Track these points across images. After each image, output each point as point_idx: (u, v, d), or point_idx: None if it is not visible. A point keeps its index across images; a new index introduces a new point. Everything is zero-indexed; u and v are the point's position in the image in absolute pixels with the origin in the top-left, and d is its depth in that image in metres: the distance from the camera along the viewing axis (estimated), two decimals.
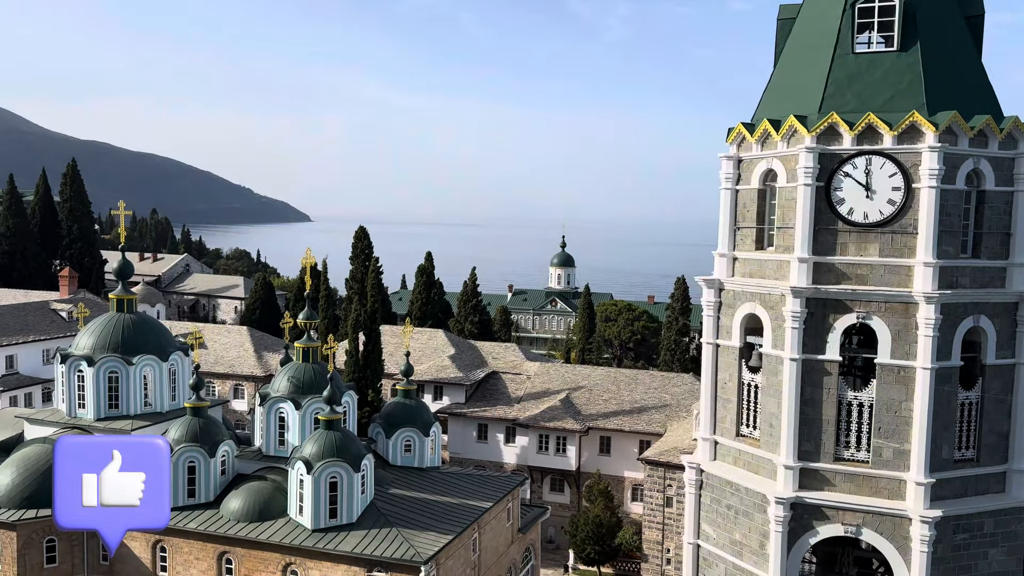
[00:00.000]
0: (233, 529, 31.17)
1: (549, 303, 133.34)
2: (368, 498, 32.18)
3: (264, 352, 60.51)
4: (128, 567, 32.53)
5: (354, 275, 75.59)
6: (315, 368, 35.83)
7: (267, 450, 34.78)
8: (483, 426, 54.26)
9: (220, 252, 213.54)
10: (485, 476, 38.75)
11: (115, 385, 36.02)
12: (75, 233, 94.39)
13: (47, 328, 56.39)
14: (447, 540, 30.56)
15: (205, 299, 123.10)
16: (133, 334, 36.79)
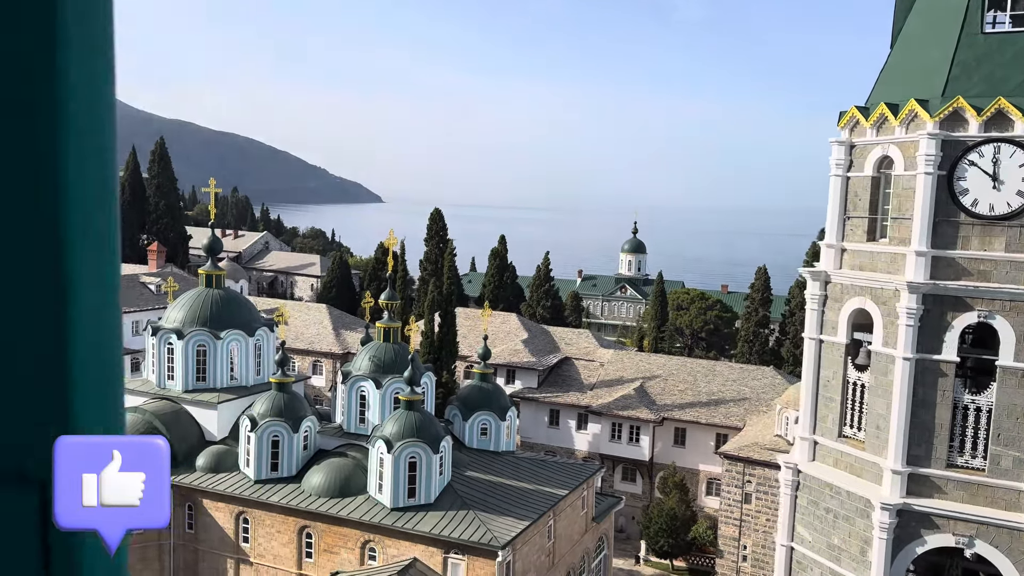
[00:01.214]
0: (314, 504, 31.68)
1: (619, 289, 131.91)
2: (445, 479, 32.26)
3: (342, 330, 61.46)
4: (212, 536, 33.46)
5: (428, 256, 76.17)
6: (395, 348, 36.08)
7: (348, 427, 35.24)
8: (555, 411, 53.93)
9: (297, 231, 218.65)
10: (560, 463, 38.46)
11: (203, 358, 36.98)
12: (162, 209, 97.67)
13: (136, 300, 58.45)
14: (524, 526, 30.41)
15: (283, 276, 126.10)
16: (221, 309, 37.68)
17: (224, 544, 33.25)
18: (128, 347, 56.37)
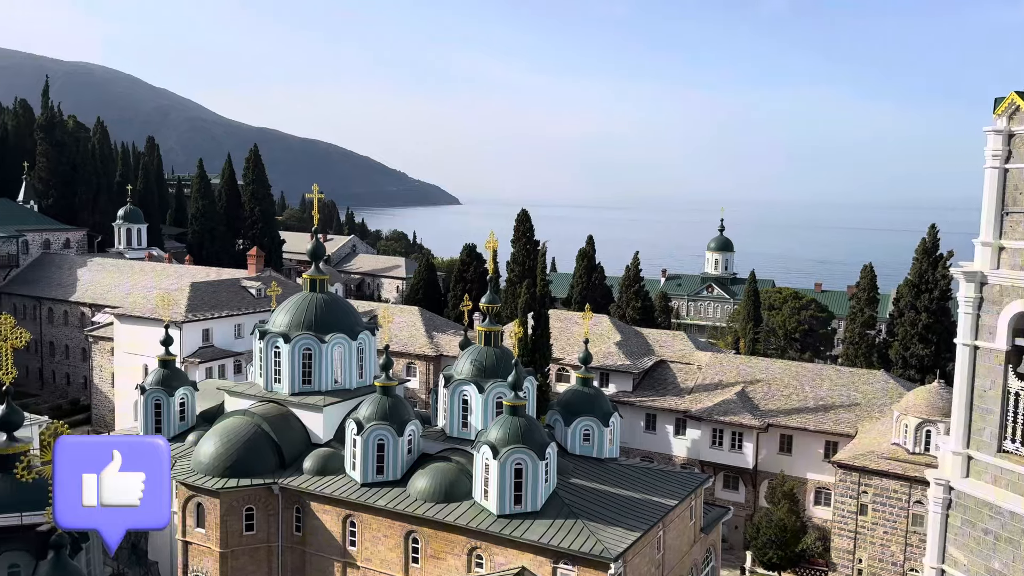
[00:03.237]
0: (420, 509, 31.49)
1: (705, 289, 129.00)
2: (551, 487, 31.60)
3: (434, 332, 61.68)
4: (319, 539, 33.71)
5: (515, 258, 75.77)
6: (496, 352, 35.63)
7: (450, 431, 34.99)
8: (651, 416, 52.67)
9: (380, 234, 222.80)
10: (667, 471, 37.30)
11: (308, 362, 37.38)
12: (256, 214, 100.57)
13: (238, 304, 60.05)
14: (635, 536, 29.46)
15: (370, 278, 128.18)
16: (325, 313, 38.02)
17: (331, 547, 33.45)
18: (231, 349, 57.97)
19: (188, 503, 34.15)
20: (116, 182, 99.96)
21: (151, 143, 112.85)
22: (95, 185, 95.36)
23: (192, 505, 34.09)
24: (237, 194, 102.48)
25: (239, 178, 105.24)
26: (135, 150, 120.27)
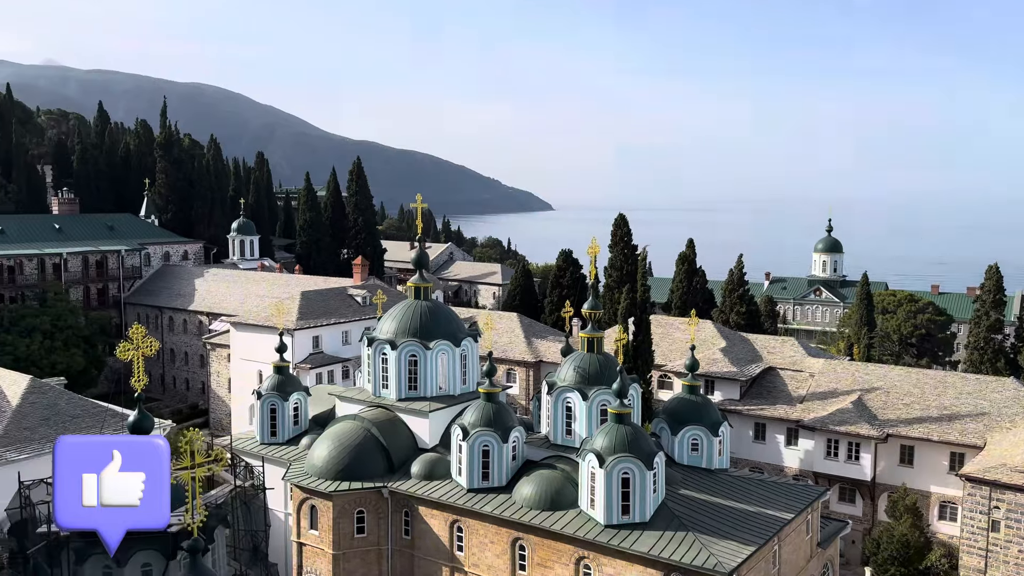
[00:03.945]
0: (527, 516, 31.42)
1: (812, 292, 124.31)
2: (660, 497, 30.94)
3: (533, 338, 61.71)
4: (428, 543, 34.14)
5: (613, 263, 75.04)
6: (600, 359, 35.22)
7: (554, 438, 34.80)
8: (760, 425, 50.90)
9: (475, 241, 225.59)
10: (782, 483, 35.93)
11: (414, 368, 38.01)
12: (359, 225, 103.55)
13: (345, 312, 61.85)
14: (750, 551, 28.47)
15: (467, 285, 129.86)
16: (429, 320, 38.61)
17: (439, 552, 33.81)
18: (339, 356, 59.73)
19: (302, 505, 35.26)
20: (229, 196, 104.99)
21: (260, 158, 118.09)
22: (210, 199, 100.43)
23: (306, 508, 35.17)
24: (341, 205, 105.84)
25: (343, 190, 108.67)
26: (245, 165, 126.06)
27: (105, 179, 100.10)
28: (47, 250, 77.11)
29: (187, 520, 13.96)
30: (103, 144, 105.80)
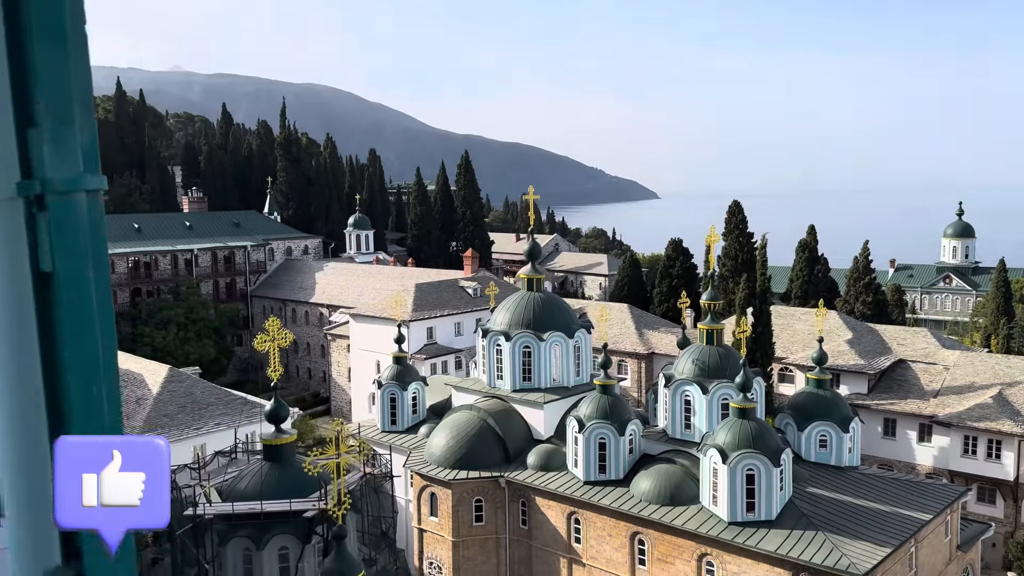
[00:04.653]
0: (646, 510, 30.96)
1: (942, 279, 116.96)
2: (786, 495, 29.80)
3: (644, 329, 60.82)
4: (545, 534, 34.21)
5: (727, 252, 72.90)
6: (719, 351, 34.26)
7: (672, 432, 34.14)
8: (890, 421, 48.28)
9: (580, 231, 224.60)
10: (917, 482, 33.97)
11: (528, 359, 38.13)
12: (468, 217, 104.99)
13: (457, 303, 62.84)
14: (885, 552, 27.01)
15: (573, 276, 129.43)
16: (542, 312, 38.60)
17: (556, 543, 33.83)
18: (452, 346, 60.78)
19: (423, 492, 36.05)
20: (345, 192, 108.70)
21: (372, 155, 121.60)
22: (327, 196, 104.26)
23: (426, 495, 35.93)
24: (450, 199, 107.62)
25: (451, 184, 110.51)
26: (358, 162, 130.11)
27: (230, 178, 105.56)
28: (179, 246, 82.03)
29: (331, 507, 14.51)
30: (227, 145, 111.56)
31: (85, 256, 1.38)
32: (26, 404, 1.43)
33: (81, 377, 1.38)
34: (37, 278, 1.37)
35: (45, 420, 1.41)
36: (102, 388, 1.42)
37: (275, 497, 22.48)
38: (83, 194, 1.42)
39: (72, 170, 1.41)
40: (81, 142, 1.41)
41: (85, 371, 1.38)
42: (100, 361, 1.40)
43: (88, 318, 1.36)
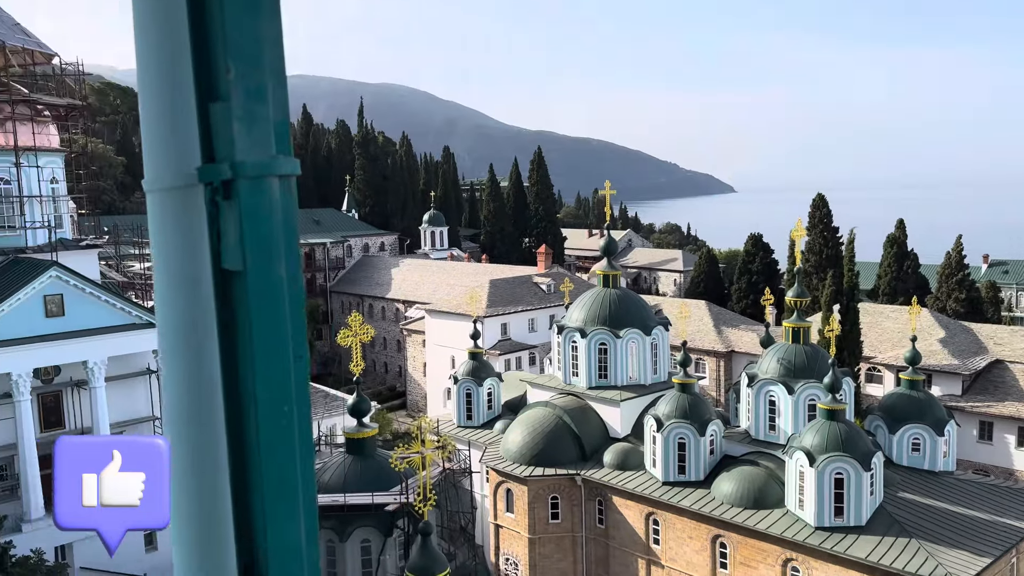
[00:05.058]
0: (728, 513, 30.20)
1: None
2: (877, 500, 28.62)
3: (722, 326, 59.49)
4: (622, 534, 33.79)
5: (811, 247, 70.60)
6: (806, 350, 33.12)
7: (755, 433, 33.20)
8: (986, 424, 45.93)
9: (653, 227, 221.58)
10: (1017, 489, 32.12)
11: (603, 356, 37.71)
12: (540, 213, 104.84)
13: (531, 299, 62.77)
14: (985, 563, 25.65)
15: (646, 272, 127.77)
16: (619, 308, 38.11)
17: (634, 543, 33.37)
18: (526, 342, 60.76)
19: (499, 488, 36.09)
20: (420, 190, 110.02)
21: (447, 152, 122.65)
22: (403, 193, 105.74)
23: (502, 491, 35.96)
24: (523, 195, 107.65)
25: (524, 180, 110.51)
26: (432, 159, 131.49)
27: (310, 177, 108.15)
28: None
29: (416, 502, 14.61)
30: (308, 144, 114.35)
31: (278, 252, 1.19)
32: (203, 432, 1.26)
33: (270, 396, 1.18)
34: (219, 278, 1.21)
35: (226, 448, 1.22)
36: (292, 408, 1.21)
37: (357, 490, 22.81)
38: (276, 179, 1.24)
39: (265, 152, 1.21)
40: (274, 118, 1.22)
41: (275, 388, 1.19)
42: (292, 376, 1.22)
43: (280, 325, 1.19)
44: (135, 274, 42.19)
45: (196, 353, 1.24)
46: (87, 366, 32.68)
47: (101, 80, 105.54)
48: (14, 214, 34.60)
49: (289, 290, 1.21)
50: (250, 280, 1.17)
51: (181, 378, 1.28)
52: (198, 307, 1.25)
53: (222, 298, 1.20)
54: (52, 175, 36.49)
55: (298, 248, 1.28)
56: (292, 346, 1.20)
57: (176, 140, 1.26)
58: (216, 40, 1.14)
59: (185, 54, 1.18)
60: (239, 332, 1.18)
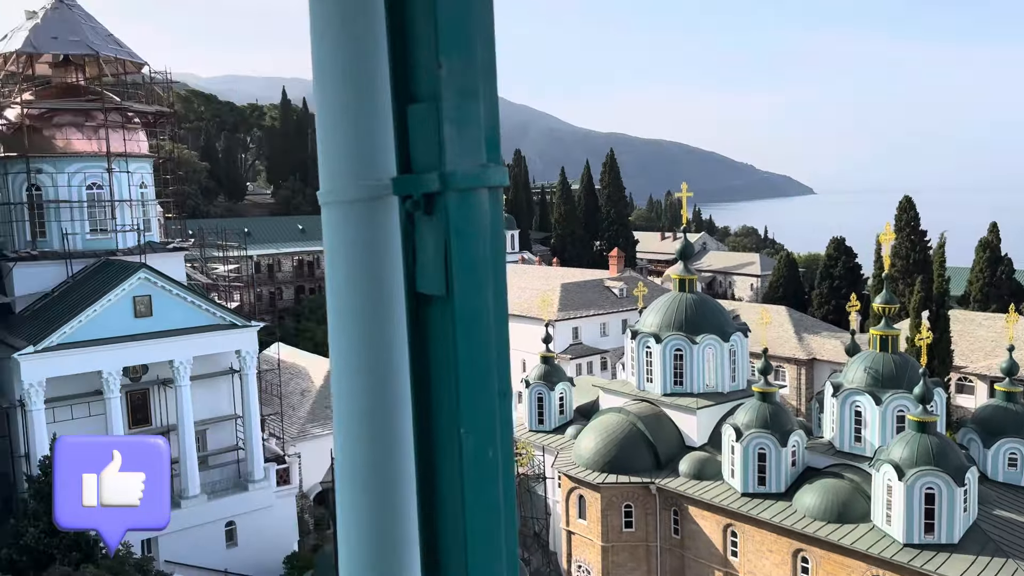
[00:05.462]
0: (811, 526, 29.13)
1: None
2: (971, 518, 27.15)
3: (803, 333, 57.66)
4: (699, 544, 32.98)
5: (897, 251, 67.81)
6: (895, 359, 31.72)
7: (840, 445, 31.95)
8: None
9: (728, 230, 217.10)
10: None
11: (679, 362, 36.94)
12: (612, 216, 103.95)
13: (603, 303, 62.18)
14: None
15: (721, 276, 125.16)
16: (695, 313, 37.29)
17: (711, 555, 32.54)
18: (597, 347, 60.20)
19: (571, 494, 35.73)
20: None
21: (518, 156, 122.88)
22: None
23: (574, 497, 35.59)
24: (595, 198, 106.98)
25: (595, 183, 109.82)
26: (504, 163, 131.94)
27: None
28: None
29: None
30: None
31: (486, 274, 1.02)
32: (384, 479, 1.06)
33: (475, 441, 1.01)
34: (413, 303, 1.00)
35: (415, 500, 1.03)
36: (497, 453, 1.03)
37: None
38: (486, 192, 1.06)
39: (475, 160, 1.03)
40: (485, 122, 1.03)
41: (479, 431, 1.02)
42: (497, 416, 1.01)
43: (486, 358, 0.99)
44: (218, 276, 43.51)
45: (380, 387, 1.07)
46: (173, 365, 33.78)
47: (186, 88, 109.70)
48: (106, 218, 36.09)
49: (495, 318, 1.00)
50: (456, 307, 1.00)
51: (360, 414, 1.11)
52: (383, 335, 1.09)
53: (415, 325, 1.00)
54: (141, 180, 37.93)
55: (505, 270, 1.07)
56: (498, 382, 0.99)
57: (361, 147, 1.12)
58: (423, 33, 0.97)
59: (378, 50, 1.02)
60: (436, 365, 0.99)
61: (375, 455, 1.10)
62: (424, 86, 1.00)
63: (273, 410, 39.71)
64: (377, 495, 1.08)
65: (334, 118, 1.14)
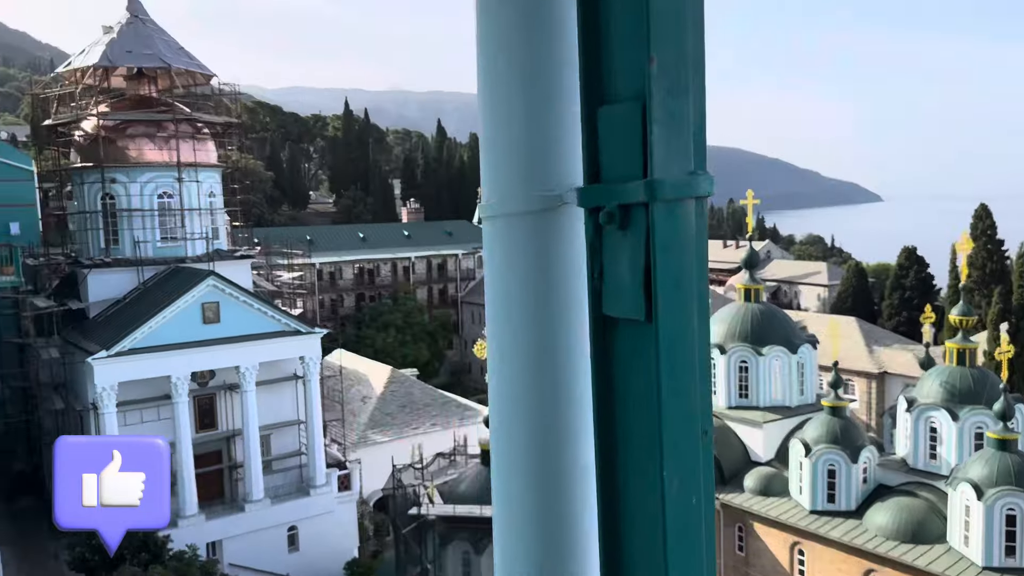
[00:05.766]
0: (883, 546, 27.99)
1: None
2: None
3: (874, 346, 55.73)
4: (764, 562, 32.04)
5: (972, 260, 65.02)
6: (973, 373, 30.31)
7: (913, 462, 30.66)
8: None
9: (793, 238, 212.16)
10: None
11: (744, 375, 36.04)
12: None
13: None
14: None
15: (786, 285, 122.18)
16: (761, 324, 36.37)
17: (776, 573, 31.57)
18: None
19: None
20: None
21: None
22: None
23: None
24: None
25: None
26: None
27: (444, 190, 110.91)
28: (398, 254, 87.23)
29: None
30: (442, 158, 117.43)
31: (691, 297, 0.87)
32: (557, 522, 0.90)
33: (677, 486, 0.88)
34: (599, 327, 0.84)
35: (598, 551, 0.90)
36: (701, 500, 0.88)
37: None
38: (693, 202, 0.93)
39: (683, 167, 0.91)
40: (694, 122, 0.89)
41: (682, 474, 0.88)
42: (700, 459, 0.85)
43: (689, 392, 0.83)
44: (282, 283, 44.32)
45: (552, 422, 0.94)
46: (239, 370, 34.46)
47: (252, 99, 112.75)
48: (176, 226, 37.12)
49: (700, 346, 0.86)
50: (660, 332, 0.87)
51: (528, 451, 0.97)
52: (556, 361, 0.95)
53: (601, 352, 0.85)
54: (210, 189, 38.91)
55: (708, 292, 0.88)
56: (701, 419, 0.86)
57: (533, 156, 1.00)
58: (629, 26, 0.85)
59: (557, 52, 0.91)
60: (630, 398, 0.85)
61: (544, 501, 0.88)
62: (623, 85, 0.86)
63: (335, 416, 40.16)
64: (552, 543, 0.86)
65: (501, 122, 1.04)
